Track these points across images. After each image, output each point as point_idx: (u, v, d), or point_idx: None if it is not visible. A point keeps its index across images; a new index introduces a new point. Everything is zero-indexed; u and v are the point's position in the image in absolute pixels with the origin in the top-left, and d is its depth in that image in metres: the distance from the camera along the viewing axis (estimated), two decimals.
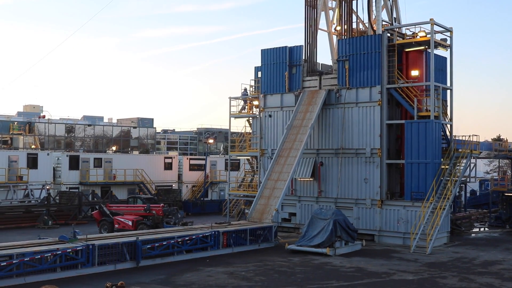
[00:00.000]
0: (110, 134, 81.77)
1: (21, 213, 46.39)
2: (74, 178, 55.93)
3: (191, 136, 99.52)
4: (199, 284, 24.84)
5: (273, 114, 44.10)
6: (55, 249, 26.05)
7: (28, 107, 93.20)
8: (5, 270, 24.15)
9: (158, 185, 60.82)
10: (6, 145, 72.36)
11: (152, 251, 29.22)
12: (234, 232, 34.08)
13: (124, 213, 40.89)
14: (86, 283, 24.29)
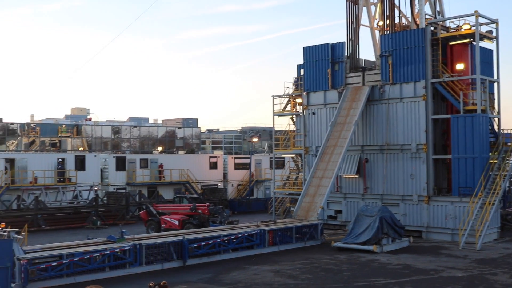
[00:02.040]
0: (155, 134, 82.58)
1: (70, 214, 47.31)
2: (121, 179, 56.71)
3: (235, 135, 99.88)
4: (245, 282, 24.92)
5: (317, 112, 43.94)
6: (104, 249, 26.47)
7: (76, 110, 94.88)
8: (55, 270, 24.65)
9: (204, 185, 61.21)
10: (55, 147, 73.78)
11: (199, 250, 29.43)
12: (280, 230, 34.08)
13: (170, 213, 41.30)
14: (134, 283, 24.58)
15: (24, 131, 71.29)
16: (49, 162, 51.52)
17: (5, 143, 70.52)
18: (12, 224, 33.75)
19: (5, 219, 39.02)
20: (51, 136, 74.49)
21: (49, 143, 74.40)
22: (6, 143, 70.64)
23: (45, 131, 73.91)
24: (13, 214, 43.50)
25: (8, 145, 70.65)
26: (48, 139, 74.20)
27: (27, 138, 71.68)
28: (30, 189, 48.96)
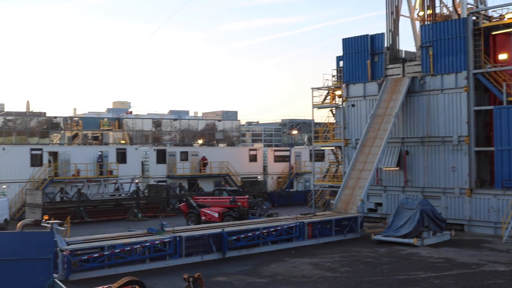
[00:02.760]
0: (196, 127, 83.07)
1: (112, 206, 47.99)
2: (162, 171, 57.23)
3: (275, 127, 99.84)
4: (284, 275, 24.94)
5: (356, 104, 43.63)
6: (144, 241, 26.79)
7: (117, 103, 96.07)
8: (97, 261, 25.08)
9: (244, 177, 61.37)
10: (97, 140, 74.85)
11: (238, 242, 29.55)
12: (319, 223, 34.01)
13: (210, 205, 41.55)
14: (173, 274, 24.77)
15: (67, 125, 72.49)
16: (91, 155, 52.31)
17: (49, 137, 71.76)
18: (55, 216, 34.39)
19: (48, 211, 39.81)
20: (93, 130, 75.56)
21: (91, 136, 75.49)
22: (50, 136, 71.89)
23: (87, 124, 75.02)
24: (57, 206, 44.33)
25: (52, 138, 71.89)
26: (90, 132, 75.30)
27: (70, 132, 72.87)
28: (73, 182, 49.79)
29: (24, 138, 68.97)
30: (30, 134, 69.78)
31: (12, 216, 44.17)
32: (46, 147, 54.44)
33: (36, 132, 70.36)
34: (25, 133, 69.45)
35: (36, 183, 47.85)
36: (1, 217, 40.36)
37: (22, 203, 46.62)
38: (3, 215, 40.69)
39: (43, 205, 42.60)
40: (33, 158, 49.40)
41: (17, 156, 48.56)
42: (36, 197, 43.65)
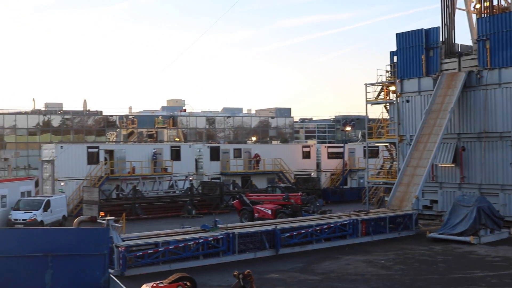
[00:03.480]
0: (249, 124, 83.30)
1: (166, 203, 48.55)
2: (215, 168, 57.60)
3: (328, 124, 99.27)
4: (337, 272, 24.78)
5: (411, 99, 42.96)
6: (198, 238, 27.01)
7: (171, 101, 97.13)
8: (152, 257, 25.42)
9: (297, 174, 61.22)
10: (151, 138, 75.84)
11: (291, 240, 29.51)
12: (373, 220, 33.66)
13: (263, 202, 41.63)
14: (227, 271, 24.88)
15: (123, 123, 73.68)
16: (146, 153, 53.05)
17: (105, 135, 73.11)
18: (111, 212, 34.98)
19: (105, 207, 40.49)
20: (148, 128, 76.61)
21: (146, 134, 76.56)
22: (106, 134, 73.23)
23: (142, 122, 76.09)
24: (112, 203, 45.09)
25: (108, 136, 73.21)
26: (145, 130, 76.38)
27: (125, 130, 74.06)
28: (128, 179, 50.58)
29: (81, 136, 70.46)
30: (87, 133, 71.24)
31: (70, 212, 45.18)
32: (102, 145, 55.52)
33: (93, 131, 71.79)
34: (82, 132, 70.92)
35: (93, 180, 48.84)
36: (60, 213, 41.37)
37: (79, 200, 47.61)
38: (61, 212, 41.70)
39: (99, 202, 43.37)
40: (90, 156, 50.41)
41: (74, 154, 49.62)
42: (92, 194, 44.50)
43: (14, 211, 38.79)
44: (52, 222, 39.59)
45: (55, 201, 40.86)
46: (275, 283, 22.92)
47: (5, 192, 39.99)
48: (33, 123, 67.88)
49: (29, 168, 64.47)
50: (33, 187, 45.39)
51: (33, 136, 67.47)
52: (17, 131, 66.42)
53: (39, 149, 57.85)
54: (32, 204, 39.48)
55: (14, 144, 65.96)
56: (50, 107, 74.52)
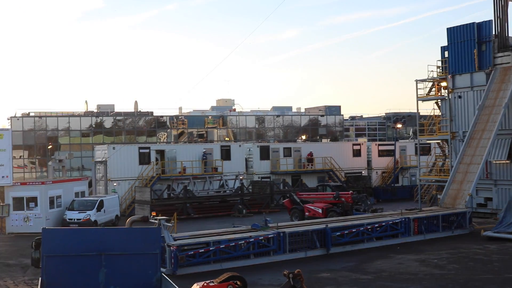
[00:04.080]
0: (298, 123, 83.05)
1: (217, 202, 48.80)
2: (265, 167, 57.67)
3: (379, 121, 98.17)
4: (389, 271, 24.51)
5: (463, 95, 42.15)
6: (248, 237, 27.09)
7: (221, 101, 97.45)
8: (203, 256, 25.62)
9: (347, 172, 60.81)
10: (202, 138, 76.33)
11: (342, 238, 29.32)
12: (426, 218, 33.17)
13: (314, 201, 41.48)
14: (278, 270, 24.88)
15: (173, 124, 74.34)
16: (196, 153, 53.48)
17: (156, 135, 73.90)
18: (162, 212, 35.41)
19: (156, 207, 40.99)
20: (198, 128, 77.08)
21: (197, 134, 77.08)
22: (157, 135, 74.02)
23: (192, 122, 76.59)
24: (164, 203, 45.54)
25: (159, 136, 73.98)
26: (195, 130, 76.87)
27: (176, 130, 74.69)
28: (179, 179, 51.05)
29: (133, 137, 71.37)
30: (138, 133, 72.14)
31: (123, 212, 45.87)
32: (153, 145, 56.18)
33: (144, 131, 72.64)
34: (134, 132, 71.85)
35: (145, 180, 49.47)
36: (113, 213, 42.04)
37: (131, 200, 48.30)
38: (114, 212, 42.37)
39: (151, 202, 43.90)
40: (141, 157, 51.10)
41: (126, 155, 50.40)
42: (144, 194, 45.08)
43: (68, 211, 39.62)
44: (105, 222, 40.26)
45: (108, 201, 41.56)
46: (326, 282, 22.80)
47: (60, 192, 40.91)
48: (86, 124, 69.12)
49: (82, 169, 65.65)
50: (86, 187, 46.27)
51: (86, 138, 68.72)
52: (70, 133, 67.74)
53: (92, 150, 58.88)
54: (86, 204, 40.25)
55: (68, 146, 67.29)
56: (102, 109, 75.69)
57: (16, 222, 38.64)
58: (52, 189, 40.16)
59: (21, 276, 25.03)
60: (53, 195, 40.09)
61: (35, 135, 66.42)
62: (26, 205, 38.75)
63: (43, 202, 38.83)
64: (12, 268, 26.95)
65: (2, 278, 24.68)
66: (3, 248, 32.93)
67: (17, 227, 38.59)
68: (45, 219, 38.35)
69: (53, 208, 39.84)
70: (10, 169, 39.56)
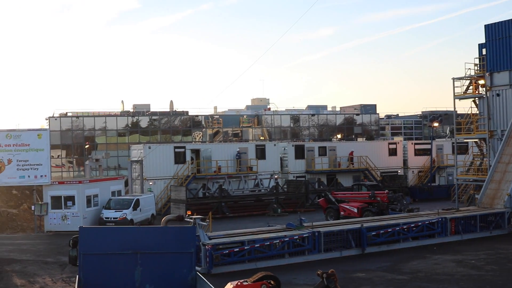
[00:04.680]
0: (334, 122, 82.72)
1: (252, 201, 48.88)
2: (300, 167, 57.57)
3: (415, 120, 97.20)
4: (426, 272, 24.25)
5: (501, 93, 41.44)
6: (283, 236, 27.07)
7: (256, 100, 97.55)
8: (238, 255, 25.66)
9: (383, 172, 60.38)
10: (237, 137, 76.52)
11: (377, 238, 29.11)
12: (463, 218, 32.73)
13: (349, 200, 41.27)
14: (313, 269, 24.76)
15: (208, 123, 74.70)
16: (231, 152, 53.60)
17: (192, 135, 74.32)
18: (198, 211, 35.48)
19: (192, 206, 41.19)
20: (233, 127, 77.31)
21: (232, 133, 77.31)
22: (192, 134, 74.43)
23: (227, 122, 76.84)
24: (199, 202, 45.80)
25: (194, 136, 74.38)
26: (230, 129, 77.12)
27: (211, 129, 75.05)
28: (214, 178, 51.25)
29: (168, 136, 71.89)
30: (174, 133, 72.62)
31: (158, 211, 46.20)
32: (188, 145, 56.49)
33: (180, 131, 73.11)
34: (169, 132, 72.39)
35: (180, 179, 49.78)
36: (148, 212, 42.39)
37: (167, 199, 48.64)
38: (150, 211, 42.72)
39: (186, 201, 44.14)
40: (177, 156, 51.43)
41: (162, 154, 50.78)
42: (180, 193, 45.33)
43: (105, 210, 40.06)
44: (141, 221, 40.62)
45: (144, 200, 41.90)
46: (362, 282, 22.66)
47: (96, 191, 41.41)
48: (122, 124, 69.86)
49: (119, 168, 66.35)
50: (123, 186, 46.75)
51: (122, 137, 69.44)
52: (107, 132, 68.53)
53: (128, 149, 59.50)
54: (122, 203, 40.65)
55: (105, 145, 68.09)
56: (138, 109, 76.40)
57: (54, 220, 39.24)
58: (89, 188, 40.68)
59: (59, 274, 25.39)
60: (90, 194, 40.61)
61: (72, 135, 67.38)
62: (64, 204, 39.31)
63: (81, 201, 39.35)
64: (50, 265, 27.36)
65: (41, 276, 25.08)
66: (41, 246, 33.45)
67: (55, 225, 39.19)
68: (82, 217, 38.86)
69: (90, 207, 40.35)
70: (48, 168, 40.21)
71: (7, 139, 39.49)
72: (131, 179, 52.86)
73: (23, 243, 34.42)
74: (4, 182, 40.37)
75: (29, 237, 37.88)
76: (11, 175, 39.65)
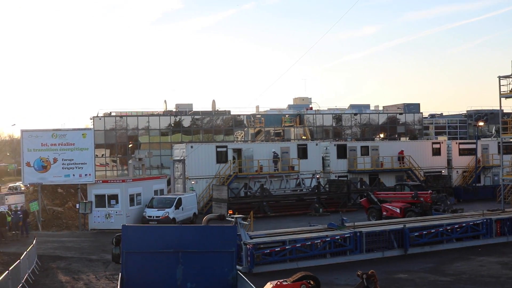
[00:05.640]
0: (376, 121, 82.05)
1: (293, 201, 48.77)
2: (342, 166, 57.25)
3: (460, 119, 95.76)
4: (470, 274, 23.87)
5: None
6: (324, 236, 26.96)
7: (298, 99, 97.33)
8: (279, 255, 25.65)
9: (427, 171, 59.63)
10: (279, 137, 76.47)
11: (420, 239, 28.78)
12: (509, 219, 32.11)
13: (391, 201, 40.86)
14: (354, 270, 24.62)
15: (250, 122, 74.84)
16: (272, 152, 53.48)
17: (234, 134, 74.56)
18: (239, 210, 35.68)
19: (233, 205, 41.36)
20: (275, 126, 77.30)
21: (273, 132, 77.31)
22: (234, 134, 74.67)
23: (269, 121, 76.85)
24: (241, 201, 45.87)
25: (236, 135, 74.61)
26: (272, 129, 77.12)
27: (253, 129, 75.19)
28: (256, 177, 51.28)
29: (210, 136, 72.28)
30: (216, 132, 72.98)
31: (200, 210, 46.49)
32: (230, 144, 56.66)
33: (221, 130, 73.46)
34: (211, 131, 72.78)
35: (222, 178, 49.97)
36: (190, 211, 42.69)
37: (209, 198, 48.88)
38: (192, 210, 43.02)
39: (228, 200, 44.29)
40: (219, 155, 51.67)
41: (204, 154, 51.06)
42: (221, 192, 45.52)
43: (148, 209, 40.48)
44: (183, 220, 40.92)
45: (186, 199, 42.20)
46: (404, 283, 22.41)
47: (139, 190, 41.88)
48: (165, 123, 70.49)
49: (161, 167, 67.00)
50: (165, 185, 47.18)
51: (165, 136, 70.07)
52: (150, 132, 69.25)
53: (170, 148, 60.01)
54: (164, 202, 41.01)
55: (148, 144, 68.79)
56: (181, 108, 76.98)
57: (98, 218, 39.83)
58: (132, 187, 41.17)
59: (102, 271, 25.76)
60: (133, 192, 41.09)
61: (116, 134, 68.28)
62: (107, 202, 39.87)
63: (124, 199, 39.84)
64: (94, 263, 27.78)
65: (85, 273, 25.49)
66: (86, 243, 33.99)
67: (99, 223, 39.77)
68: (125, 216, 39.36)
69: (133, 206, 40.83)
70: (92, 167, 40.86)
71: (53, 138, 40.26)
72: (173, 178, 53.29)
73: (68, 241, 35.04)
74: (50, 181, 41.16)
75: (74, 234, 38.54)
76: (56, 174, 40.41)
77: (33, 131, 41.05)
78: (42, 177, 40.43)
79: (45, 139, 40.22)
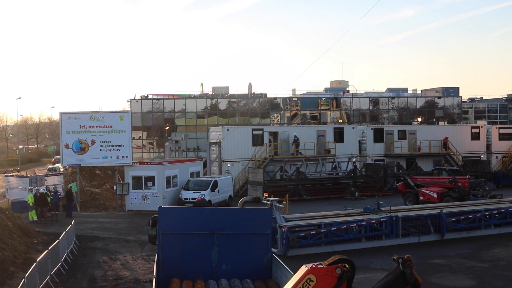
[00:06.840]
0: (414, 105, 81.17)
1: (329, 184, 48.64)
2: (379, 150, 56.77)
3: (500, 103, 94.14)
4: (508, 260, 23.55)
5: None
6: (360, 220, 26.83)
7: (335, 82, 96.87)
8: (314, 238, 25.64)
9: (465, 156, 58.83)
10: (315, 120, 76.22)
11: (457, 224, 28.46)
12: None
13: (428, 185, 40.47)
14: (390, 254, 24.44)
15: (286, 105, 74.69)
16: (309, 135, 53.34)
17: (270, 117, 74.54)
18: (275, 193, 35.71)
19: (269, 188, 41.39)
20: (312, 109, 77.03)
21: (310, 116, 77.06)
22: (270, 117, 74.65)
23: (305, 104, 76.61)
24: (276, 184, 45.89)
25: (272, 118, 74.57)
26: (308, 112, 76.88)
27: (289, 112, 75.03)
28: (291, 161, 51.17)
29: (247, 119, 72.37)
30: (252, 115, 73.07)
31: (236, 193, 46.61)
32: (266, 127, 56.59)
33: (258, 113, 73.51)
34: (248, 114, 72.85)
35: (258, 161, 50.03)
36: (226, 193, 42.87)
37: (244, 180, 49.00)
38: (227, 192, 43.20)
39: (264, 183, 44.34)
40: (255, 138, 51.66)
41: (240, 136, 51.10)
42: (257, 175, 45.60)
43: (184, 191, 40.76)
44: (219, 202, 41.12)
45: (222, 182, 42.38)
46: (440, 268, 22.21)
47: (176, 172, 42.17)
48: (201, 106, 70.83)
49: (197, 149, 67.41)
50: (201, 168, 47.43)
51: (201, 119, 70.44)
52: (186, 115, 69.68)
53: (206, 131, 60.25)
54: (200, 184, 41.25)
55: (184, 127, 69.25)
56: (217, 91, 77.24)
57: (135, 200, 40.25)
58: (168, 169, 41.48)
59: (139, 252, 26.08)
60: (170, 175, 41.39)
61: (153, 117, 68.88)
62: (144, 184, 40.26)
63: (160, 181, 40.17)
64: (131, 244, 28.13)
65: (122, 253, 25.83)
66: (123, 224, 34.42)
67: (135, 205, 40.19)
68: (162, 198, 39.71)
69: (170, 188, 41.15)
70: (129, 149, 41.24)
71: (91, 120, 40.71)
72: (209, 160, 53.54)
73: (105, 222, 35.53)
74: (88, 163, 41.67)
75: (111, 215, 39.05)
76: (94, 156, 40.90)
77: (71, 113, 41.53)
78: (80, 158, 40.93)
79: (83, 121, 40.67)
